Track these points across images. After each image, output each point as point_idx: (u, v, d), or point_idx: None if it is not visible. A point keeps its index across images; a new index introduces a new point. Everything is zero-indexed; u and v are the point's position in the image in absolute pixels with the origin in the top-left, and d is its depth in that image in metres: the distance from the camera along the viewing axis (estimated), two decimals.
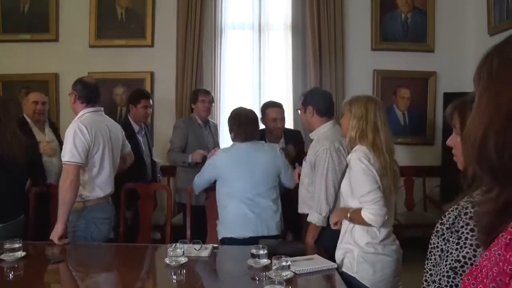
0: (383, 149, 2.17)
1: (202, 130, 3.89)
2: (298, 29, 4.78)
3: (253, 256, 2.22)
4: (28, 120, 3.57)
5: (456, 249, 1.27)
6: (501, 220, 0.76)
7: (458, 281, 1.25)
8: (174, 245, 2.32)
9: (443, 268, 1.30)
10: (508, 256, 0.70)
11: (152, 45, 4.76)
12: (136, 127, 3.78)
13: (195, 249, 2.43)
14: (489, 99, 0.77)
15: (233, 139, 2.93)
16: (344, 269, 2.20)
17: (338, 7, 4.68)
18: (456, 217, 1.31)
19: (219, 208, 2.88)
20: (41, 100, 3.64)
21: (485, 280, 0.73)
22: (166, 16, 4.74)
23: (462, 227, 1.28)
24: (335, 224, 2.32)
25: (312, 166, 2.69)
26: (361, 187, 2.13)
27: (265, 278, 2.00)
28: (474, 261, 1.23)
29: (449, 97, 4.51)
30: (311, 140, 2.87)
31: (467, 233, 1.25)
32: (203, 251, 2.44)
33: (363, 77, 4.80)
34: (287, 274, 1.99)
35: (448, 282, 1.27)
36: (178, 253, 2.27)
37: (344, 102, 2.37)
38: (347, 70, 4.79)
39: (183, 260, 2.27)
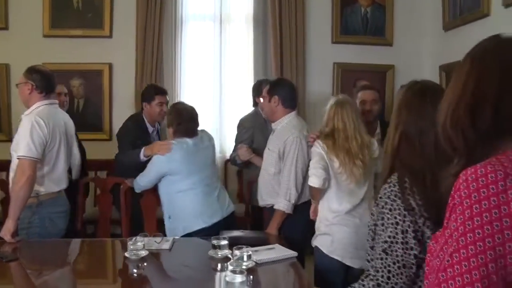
0: (353, 150, 2.39)
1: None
2: (260, 22, 4.77)
3: (214, 247, 2.22)
4: None
5: (383, 230, 1.34)
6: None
7: (390, 262, 1.30)
8: (134, 238, 2.28)
9: (377, 251, 1.35)
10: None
11: (110, 36, 4.62)
12: (150, 128, 3.56)
13: (155, 242, 2.40)
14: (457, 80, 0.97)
15: (174, 134, 2.86)
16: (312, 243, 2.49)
17: (299, 0, 4.71)
18: (379, 199, 1.39)
19: (173, 205, 2.81)
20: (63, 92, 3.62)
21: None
22: (125, 6, 4.61)
23: (383, 207, 1.34)
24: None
25: (280, 155, 2.77)
26: (312, 157, 2.48)
27: (226, 268, 2.00)
28: (398, 239, 1.30)
29: None
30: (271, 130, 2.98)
31: (387, 213, 1.35)
32: (164, 243, 2.41)
33: (324, 70, 4.84)
34: (248, 263, 1.99)
35: (382, 264, 1.32)
36: (139, 246, 2.24)
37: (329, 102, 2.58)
38: (308, 63, 4.82)
39: (143, 253, 2.24)
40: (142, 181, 2.88)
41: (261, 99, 3.04)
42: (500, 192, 0.81)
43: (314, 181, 2.40)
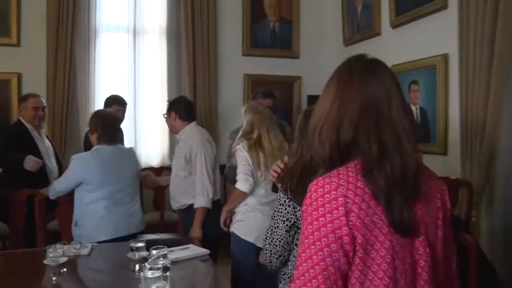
0: (267, 151, 2.72)
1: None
2: (173, 34, 4.92)
3: (132, 249, 2.36)
4: (27, 125, 3.56)
5: (275, 217, 1.82)
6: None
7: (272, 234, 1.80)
8: (53, 246, 2.33)
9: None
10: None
11: (18, 45, 4.49)
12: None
13: (75, 248, 2.48)
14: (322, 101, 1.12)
15: (98, 140, 2.94)
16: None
17: (211, 14, 4.93)
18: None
19: (81, 213, 2.85)
20: (41, 106, 3.65)
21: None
22: (34, 14, 4.50)
23: (278, 201, 1.79)
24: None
25: (187, 160, 3.07)
26: (238, 166, 2.75)
27: (144, 268, 2.14)
28: (279, 224, 1.77)
29: (311, 99, 5.04)
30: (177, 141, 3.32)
31: (279, 205, 1.78)
32: (83, 249, 2.50)
33: (235, 81, 5.12)
34: (164, 262, 2.16)
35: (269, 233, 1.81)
36: (59, 253, 2.30)
37: (243, 108, 2.96)
38: (220, 74, 5.06)
39: (63, 259, 2.30)
40: (58, 187, 2.91)
41: (164, 116, 3.32)
42: (332, 199, 0.98)
43: (243, 186, 2.71)
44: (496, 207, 3.20)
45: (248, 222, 2.71)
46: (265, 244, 1.81)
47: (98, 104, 4.67)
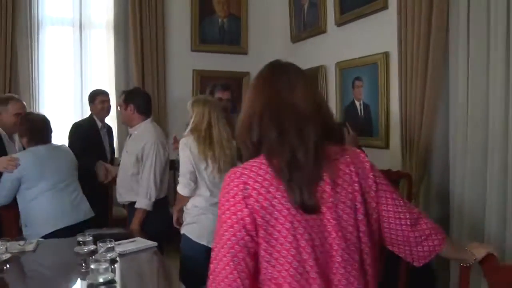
0: (217, 141, 2.64)
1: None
2: (120, 29, 4.85)
3: (79, 243, 2.35)
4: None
5: None
6: None
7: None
8: None
9: None
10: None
11: None
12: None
13: (19, 244, 2.43)
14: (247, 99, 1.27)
15: (28, 144, 2.94)
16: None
17: (159, 9, 4.91)
18: None
19: (28, 213, 2.85)
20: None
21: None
22: None
23: None
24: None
25: (138, 158, 3.01)
26: (180, 166, 2.68)
27: (92, 261, 2.14)
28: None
29: None
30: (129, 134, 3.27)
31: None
32: (28, 245, 2.46)
33: (184, 77, 5.12)
34: (111, 254, 2.17)
35: None
36: (1, 250, 2.26)
37: (188, 103, 2.83)
38: (169, 70, 5.05)
39: (5, 256, 2.26)
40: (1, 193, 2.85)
41: (119, 108, 3.24)
42: (234, 186, 1.12)
43: (184, 190, 2.66)
44: (432, 197, 3.40)
45: (201, 224, 2.65)
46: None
47: (42, 100, 4.56)
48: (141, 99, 3.18)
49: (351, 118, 4.24)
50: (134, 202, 3.07)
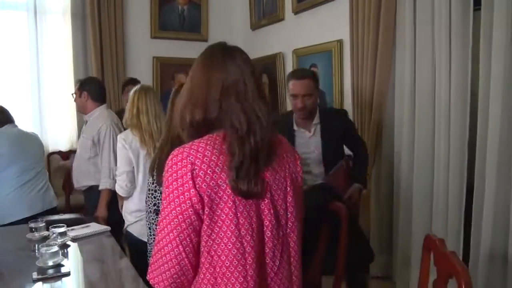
0: (149, 132, 2.54)
1: None
2: (78, 15, 4.77)
3: (32, 230, 2.37)
4: None
5: None
6: None
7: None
8: None
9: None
10: None
11: None
12: None
13: None
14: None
15: None
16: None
17: None
18: None
19: None
20: None
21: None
22: None
23: None
24: None
25: (94, 142, 3.07)
26: (118, 162, 2.61)
27: (44, 246, 2.17)
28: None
29: None
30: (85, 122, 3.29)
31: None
32: None
33: (144, 64, 5.10)
34: (63, 239, 2.21)
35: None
36: None
37: (132, 91, 2.71)
38: (128, 57, 5.03)
39: None
40: None
41: (73, 95, 3.29)
42: (182, 166, 1.15)
43: (120, 191, 2.59)
44: (382, 176, 3.55)
45: (143, 222, 2.44)
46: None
47: None
48: (94, 86, 3.25)
49: None
50: (91, 187, 3.12)
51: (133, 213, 2.57)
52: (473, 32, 2.74)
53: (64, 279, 1.86)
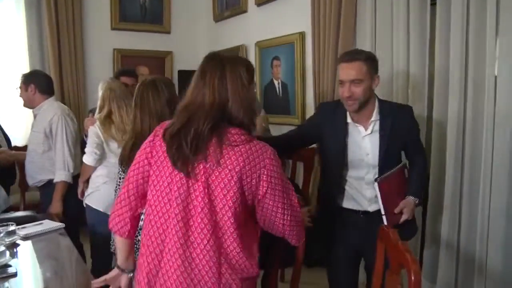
0: (117, 121, 2.67)
1: None
2: (33, 4, 4.57)
3: None
4: None
5: None
6: None
7: None
8: None
9: None
10: None
11: None
12: None
13: None
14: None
15: None
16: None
17: None
18: None
19: None
20: None
21: None
22: None
23: None
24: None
25: (47, 134, 2.99)
26: (88, 141, 2.74)
27: None
28: None
29: (182, 74, 5.10)
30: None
31: None
32: None
33: (104, 56, 4.98)
34: (12, 238, 2.12)
35: None
36: None
37: (100, 85, 2.86)
38: (87, 49, 4.88)
39: None
40: None
41: (19, 89, 3.18)
42: (150, 136, 1.49)
43: (88, 159, 2.69)
44: None
45: (100, 192, 2.69)
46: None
47: None
48: (42, 78, 3.16)
49: (270, 97, 4.33)
50: (47, 183, 3.03)
51: (94, 181, 2.71)
52: (430, 25, 2.79)
53: (11, 280, 1.78)
